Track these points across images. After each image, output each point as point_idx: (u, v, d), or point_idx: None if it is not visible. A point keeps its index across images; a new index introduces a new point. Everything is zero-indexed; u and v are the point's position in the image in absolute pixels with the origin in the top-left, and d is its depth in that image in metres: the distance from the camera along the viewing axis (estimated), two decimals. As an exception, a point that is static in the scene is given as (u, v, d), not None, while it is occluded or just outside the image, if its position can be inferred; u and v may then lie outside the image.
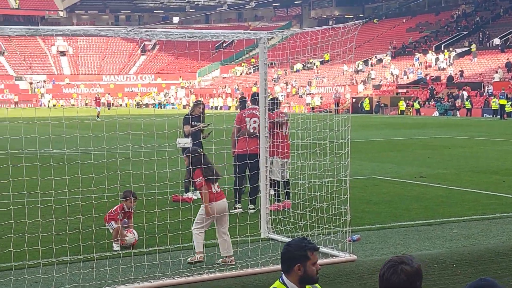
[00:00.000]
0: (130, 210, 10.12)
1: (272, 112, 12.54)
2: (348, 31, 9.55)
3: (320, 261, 8.84)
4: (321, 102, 67.77)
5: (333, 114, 10.59)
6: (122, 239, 9.88)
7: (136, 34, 9.14)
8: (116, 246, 9.85)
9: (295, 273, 5.00)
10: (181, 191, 14.16)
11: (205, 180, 8.96)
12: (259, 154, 10.72)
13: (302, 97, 76.42)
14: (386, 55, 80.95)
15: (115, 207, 10.12)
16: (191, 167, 9.04)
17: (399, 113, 62.37)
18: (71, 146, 10.28)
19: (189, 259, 8.94)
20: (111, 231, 10.05)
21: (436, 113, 59.53)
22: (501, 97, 52.13)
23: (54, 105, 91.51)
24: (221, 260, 9.11)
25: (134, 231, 10.06)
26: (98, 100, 58.83)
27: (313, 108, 66.14)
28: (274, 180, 12.75)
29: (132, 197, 10.04)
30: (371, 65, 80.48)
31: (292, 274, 5.01)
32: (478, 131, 36.51)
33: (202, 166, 8.92)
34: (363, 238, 10.54)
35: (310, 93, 75.65)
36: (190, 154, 9.12)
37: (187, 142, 14.00)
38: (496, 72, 62.14)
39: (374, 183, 16.91)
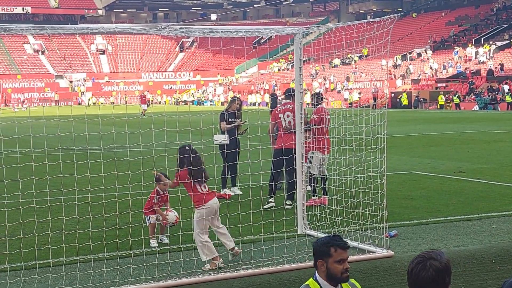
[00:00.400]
0: (165, 193, 10.13)
1: (315, 107, 12.53)
2: (384, 25, 9.46)
3: (356, 257, 8.88)
4: (359, 97, 67.37)
5: (371, 109, 10.48)
6: (163, 220, 9.89)
7: (171, 32, 9.17)
8: (153, 243, 9.91)
9: (320, 270, 4.98)
10: (217, 188, 14.19)
11: (193, 181, 8.69)
12: (295, 149, 10.68)
13: (340, 92, 76.06)
14: (425, 49, 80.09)
15: (150, 194, 10.16)
16: (178, 167, 8.81)
17: (438, 107, 61.68)
18: (107, 143, 10.37)
19: (207, 265, 8.76)
20: (148, 224, 10.09)
21: (476, 107, 58.73)
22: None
23: (94, 103, 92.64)
24: (233, 251, 8.96)
25: (173, 210, 10.03)
26: (143, 98, 58.87)
27: (351, 103, 65.82)
28: (311, 176, 12.71)
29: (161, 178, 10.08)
30: (410, 60, 79.71)
31: (319, 271, 4.99)
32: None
33: (191, 167, 8.64)
34: (401, 233, 10.44)
35: (348, 89, 75.26)
36: (178, 154, 8.88)
37: (224, 138, 14.01)
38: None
39: (412, 178, 16.74)
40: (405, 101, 64.96)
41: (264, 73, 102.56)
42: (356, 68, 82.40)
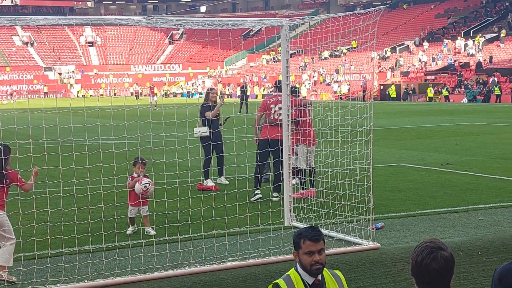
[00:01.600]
0: (139, 176, 10.12)
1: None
2: (371, 17, 9.43)
3: (343, 249, 8.88)
4: (348, 90, 67.43)
5: (360, 101, 10.48)
6: (140, 190, 9.90)
7: (156, 23, 9.11)
8: (129, 231, 9.96)
9: (297, 261, 5.04)
10: (202, 180, 14.16)
11: None
12: (281, 141, 10.66)
13: (329, 85, 76.09)
14: (415, 42, 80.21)
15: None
16: None
17: (428, 100, 61.82)
18: (92, 135, 10.33)
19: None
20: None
21: (465, 100, 58.90)
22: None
23: (83, 95, 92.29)
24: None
25: (144, 178, 10.04)
26: (152, 90, 58.37)
27: (340, 95, 65.87)
28: (298, 168, 12.70)
29: (139, 161, 10.09)
30: (399, 52, 79.80)
31: (297, 261, 5.05)
32: (507, 117, 36.04)
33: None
34: (387, 225, 10.45)
35: (338, 81, 75.29)
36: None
37: (204, 131, 14.06)
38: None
39: (400, 170, 16.76)
40: (393, 94, 65.08)
41: (253, 66, 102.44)
42: (345, 60, 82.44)
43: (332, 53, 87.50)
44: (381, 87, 68.37)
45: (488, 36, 72.29)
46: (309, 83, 77.35)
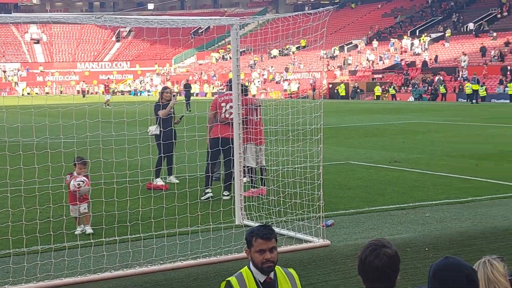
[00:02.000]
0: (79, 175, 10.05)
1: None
2: (320, 17, 9.51)
3: (294, 247, 8.94)
4: (298, 88, 67.85)
5: (310, 99, 10.56)
6: (73, 187, 9.82)
7: (106, 21, 9.02)
8: (76, 231, 9.86)
9: (249, 259, 5.08)
10: (152, 179, 14.09)
11: None
12: (232, 140, 10.67)
13: (279, 83, 76.39)
14: (362, 41, 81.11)
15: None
16: None
17: (375, 98, 62.62)
18: (40, 135, 10.17)
19: None
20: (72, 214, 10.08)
21: (411, 98, 59.83)
22: (472, 82, 52.67)
23: (28, 93, 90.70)
24: None
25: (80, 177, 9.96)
26: (107, 88, 57.61)
27: (290, 94, 66.23)
28: (249, 167, 12.73)
29: (77, 162, 10.01)
30: (347, 51, 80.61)
31: (250, 259, 5.08)
32: (453, 116, 36.75)
33: None
34: (337, 223, 10.56)
35: (287, 79, 75.64)
36: None
37: (153, 129, 14.10)
38: (465, 54, 62.44)
39: (349, 168, 16.95)
40: (342, 92, 65.74)
41: (202, 63, 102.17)
42: (294, 59, 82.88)
43: (281, 51, 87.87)
44: (330, 85, 68.97)
45: (433, 35, 73.57)
46: (258, 81, 77.54)
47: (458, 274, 4.07)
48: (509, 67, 56.89)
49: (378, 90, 62.78)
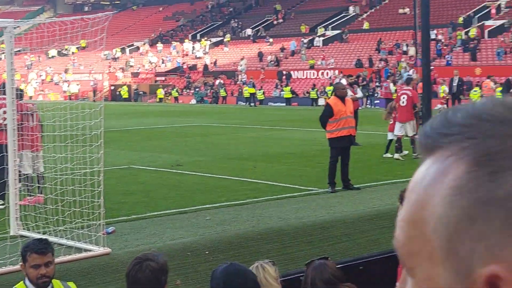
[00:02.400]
0: None
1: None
2: (99, 22, 9.38)
3: (73, 257, 8.72)
4: (78, 90, 66.30)
5: (91, 102, 10.36)
6: None
7: None
8: None
9: (24, 274, 4.95)
10: None
11: None
12: (6, 147, 10.17)
13: (58, 84, 74.09)
14: (144, 43, 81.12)
15: None
16: None
17: (158, 101, 62.88)
18: None
19: None
20: None
21: (193, 101, 60.85)
22: (249, 85, 54.92)
23: None
24: None
25: None
26: None
27: (70, 95, 64.58)
28: (25, 175, 12.21)
29: None
30: (129, 53, 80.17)
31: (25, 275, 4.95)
32: (232, 119, 37.89)
33: None
34: (118, 230, 10.47)
35: (67, 80, 73.57)
36: None
37: None
38: (242, 59, 64.88)
39: (132, 173, 16.88)
40: (125, 94, 65.26)
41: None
42: (74, 59, 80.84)
43: (60, 52, 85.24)
44: (112, 87, 68.16)
45: (213, 39, 75.37)
46: (36, 82, 74.65)
47: (245, 280, 4.25)
48: (284, 72, 59.81)
49: (161, 93, 63.12)
